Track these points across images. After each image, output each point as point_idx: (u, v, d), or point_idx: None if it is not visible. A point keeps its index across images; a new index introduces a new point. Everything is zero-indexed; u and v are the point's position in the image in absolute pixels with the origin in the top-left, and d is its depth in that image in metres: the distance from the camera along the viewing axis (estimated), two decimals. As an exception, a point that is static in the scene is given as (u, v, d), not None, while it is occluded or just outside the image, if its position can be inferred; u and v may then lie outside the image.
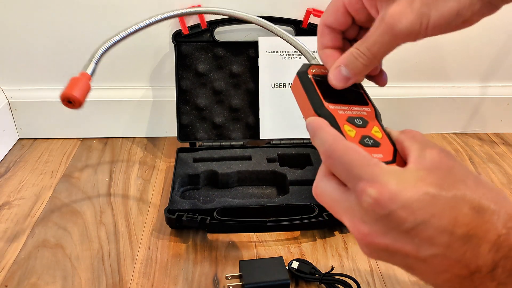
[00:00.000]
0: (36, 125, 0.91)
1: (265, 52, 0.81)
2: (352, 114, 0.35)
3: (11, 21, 0.82)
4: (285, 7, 0.82)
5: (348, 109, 0.35)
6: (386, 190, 0.27)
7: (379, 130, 0.35)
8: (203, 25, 0.80)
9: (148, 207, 0.73)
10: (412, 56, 0.89)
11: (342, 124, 0.34)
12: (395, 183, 0.27)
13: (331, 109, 0.35)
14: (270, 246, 0.66)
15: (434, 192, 0.27)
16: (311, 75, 0.37)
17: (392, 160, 0.32)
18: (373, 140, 0.33)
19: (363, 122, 0.35)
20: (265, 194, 0.75)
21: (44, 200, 0.75)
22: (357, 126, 0.34)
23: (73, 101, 0.46)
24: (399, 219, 0.27)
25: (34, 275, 0.60)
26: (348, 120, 0.34)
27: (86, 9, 0.81)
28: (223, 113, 0.84)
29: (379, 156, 0.32)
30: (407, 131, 0.33)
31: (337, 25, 0.37)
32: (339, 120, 0.34)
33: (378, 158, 0.32)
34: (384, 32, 0.32)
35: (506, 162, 0.87)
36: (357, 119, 0.35)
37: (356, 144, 0.32)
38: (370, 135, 0.34)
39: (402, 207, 0.27)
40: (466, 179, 0.29)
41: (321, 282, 0.58)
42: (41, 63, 0.86)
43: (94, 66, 0.50)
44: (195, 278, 0.60)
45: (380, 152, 0.32)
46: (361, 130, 0.34)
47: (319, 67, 0.38)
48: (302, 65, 0.38)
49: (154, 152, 0.89)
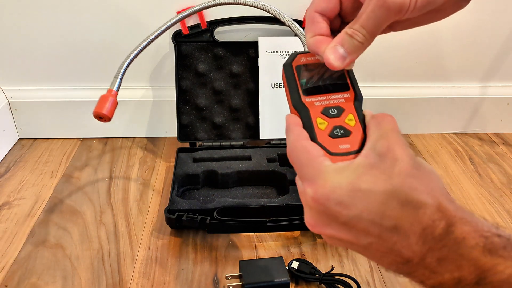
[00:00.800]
0: (36, 125, 0.91)
1: (265, 52, 0.81)
2: (328, 104, 0.37)
3: (11, 21, 0.82)
4: (285, 7, 0.82)
5: (325, 99, 0.37)
6: (321, 189, 0.31)
7: (353, 117, 0.36)
8: (203, 25, 0.80)
9: (148, 207, 0.73)
10: (412, 56, 0.89)
11: (315, 117, 0.36)
12: (331, 183, 0.31)
13: (307, 102, 0.37)
14: (270, 246, 0.66)
15: (366, 189, 0.30)
16: (296, 65, 0.38)
17: (357, 150, 0.34)
18: (343, 130, 0.35)
19: (337, 112, 0.36)
20: (265, 194, 0.75)
21: (44, 200, 0.75)
22: (330, 117, 0.36)
23: (103, 117, 0.53)
24: (335, 213, 0.31)
25: (34, 275, 0.60)
26: (323, 111, 0.36)
27: (86, 9, 0.81)
28: (223, 113, 0.84)
29: (346, 146, 0.34)
30: (377, 116, 0.35)
31: (328, 11, 0.38)
32: (313, 113, 0.36)
33: (345, 149, 0.34)
34: (376, 7, 0.33)
35: (506, 162, 0.87)
36: (332, 109, 0.36)
37: (325, 136, 0.35)
38: (342, 125, 0.36)
39: (336, 204, 0.30)
40: (404, 171, 0.30)
41: (321, 282, 0.58)
42: (41, 63, 0.86)
43: (119, 82, 0.55)
44: (195, 278, 0.60)
45: (348, 142, 0.35)
46: (334, 121, 0.36)
47: (306, 55, 0.39)
48: (290, 55, 0.40)
49: (154, 152, 0.89)
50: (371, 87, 0.92)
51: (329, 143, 0.35)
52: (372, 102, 0.91)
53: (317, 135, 0.35)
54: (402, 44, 0.88)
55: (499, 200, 0.76)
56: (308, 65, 0.38)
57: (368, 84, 0.91)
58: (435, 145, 0.92)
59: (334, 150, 0.34)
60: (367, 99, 0.95)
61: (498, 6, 0.84)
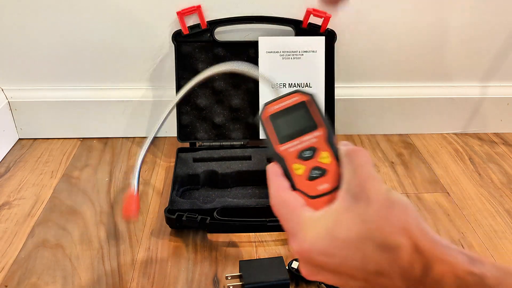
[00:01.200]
0: (36, 125, 0.91)
1: (265, 52, 0.81)
2: (302, 147, 0.38)
3: (11, 21, 0.82)
4: (285, 7, 0.82)
5: (298, 142, 0.38)
6: (303, 244, 0.32)
7: (328, 154, 0.37)
8: (203, 25, 0.80)
9: (148, 207, 0.73)
10: (412, 56, 0.89)
11: (291, 164, 0.37)
12: (310, 235, 0.32)
13: (281, 151, 0.38)
14: (270, 246, 0.66)
15: (343, 236, 0.31)
16: (265, 117, 0.40)
17: (336, 187, 0.35)
18: (319, 170, 0.37)
19: (311, 153, 0.37)
20: (265, 194, 0.75)
21: (44, 200, 0.75)
22: (305, 160, 0.37)
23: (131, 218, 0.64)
24: (321, 263, 0.32)
25: (34, 275, 0.60)
26: (298, 156, 0.37)
27: (86, 9, 0.81)
28: (223, 113, 0.84)
29: (325, 186, 0.36)
30: (349, 152, 0.35)
31: None
32: (288, 161, 0.37)
33: (324, 189, 0.36)
34: None
35: (506, 162, 0.87)
36: (306, 152, 0.38)
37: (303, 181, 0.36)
38: (317, 165, 0.37)
39: (319, 254, 0.31)
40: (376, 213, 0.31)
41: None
42: (41, 63, 0.86)
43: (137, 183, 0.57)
44: (195, 278, 0.60)
45: (326, 182, 0.36)
46: (310, 163, 0.37)
47: (274, 104, 0.41)
48: (262, 106, 0.42)
49: (154, 152, 0.89)
50: (371, 87, 0.92)
51: (308, 187, 0.36)
52: (372, 102, 0.92)
53: (296, 181, 0.37)
54: (402, 44, 0.88)
55: (499, 200, 0.76)
56: (277, 113, 0.40)
57: (368, 84, 0.91)
58: (435, 145, 0.92)
59: (314, 193, 0.36)
60: (368, 99, 0.96)
61: (498, 6, 0.84)
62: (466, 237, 0.67)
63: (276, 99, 0.41)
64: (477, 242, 0.66)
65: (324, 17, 0.80)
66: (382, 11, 0.84)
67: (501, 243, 0.67)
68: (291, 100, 0.41)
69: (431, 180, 0.81)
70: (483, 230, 0.69)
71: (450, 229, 0.69)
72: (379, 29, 0.86)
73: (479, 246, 0.65)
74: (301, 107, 0.40)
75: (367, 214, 0.31)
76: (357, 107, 0.92)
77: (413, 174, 0.82)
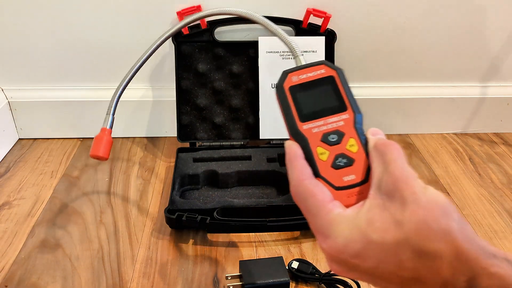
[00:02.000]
0: (36, 125, 0.91)
1: (265, 52, 0.81)
2: (327, 129, 0.34)
3: (11, 21, 0.82)
4: (285, 7, 0.82)
5: (323, 123, 0.34)
6: (335, 245, 0.30)
7: (355, 142, 0.34)
8: (203, 25, 0.80)
9: (148, 207, 0.73)
10: (412, 56, 0.89)
11: (315, 147, 0.33)
12: (343, 237, 0.30)
13: (304, 130, 0.34)
14: (270, 246, 0.66)
15: (378, 240, 0.28)
16: (288, 87, 0.36)
17: (364, 180, 0.32)
18: (346, 159, 0.33)
19: (338, 138, 0.34)
20: (265, 194, 0.75)
21: (44, 200, 0.75)
22: (331, 145, 0.34)
23: (99, 158, 0.56)
24: (353, 265, 0.30)
25: (34, 275, 0.60)
26: (323, 139, 0.34)
27: (86, 9, 0.81)
28: (223, 113, 0.84)
29: (351, 178, 0.32)
30: (379, 146, 0.32)
31: None
32: (312, 143, 0.34)
33: (350, 180, 0.32)
34: None
35: (506, 162, 0.87)
36: (332, 135, 0.34)
37: (327, 168, 0.33)
38: (344, 152, 0.33)
39: (352, 257, 0.29)
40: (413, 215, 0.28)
41: (321, 282, 0.58)
42: (41, 63, 0.86)
43: (111, 119, 0.56)
44: (195, 278, 0.60)
45: (352, 173, 0.33)
46: (335, 148, 0.33)
47: (298, 72, 0.36)
48: (281, 74, 0.36)
49: (154, 152, 0.89)
50: (371, 87, 0.92)
51: (333, 176, 0.33)
52: (372, 102, 0.91)
53: (319, 168, 0.33)
54: (402, 44, 0.87)
55: (499, 200, 0.76)
56: (301, 85, 0.36)
57: (368, 84, 0.91)
58: (435, 145, 0.92)
59: (339, 184, 0.32)
60: (368, 99, 0.96)
61: (498, 6, 0.84)
62: (466, 237, 0.67)
63: (300, 67, 0.36)
64: (477, 242, 0.66)
65: (324, 17, 0.80)
66: (382, 11, 0.84)
67: (501, 243, 0.67)
68: (317, 72, 0.36)
69: (431, 180, 0.81)
70: (483, 230, 0.69)
71: (450, 229, 0.69)
72: (379, 29, 0.86)
73: (479, 246, 0.65)
74: (328, 83, 0.35)
75: (403, 216, 0.28)
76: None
77: (413, 174, 0.82)
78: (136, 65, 0.58)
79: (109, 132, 0.56)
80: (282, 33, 0.44)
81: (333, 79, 0.35)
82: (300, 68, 0.36)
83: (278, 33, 0.44)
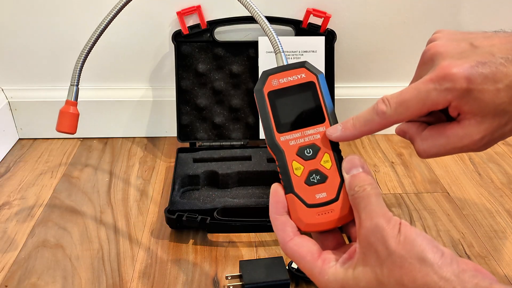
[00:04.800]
0: (36, 125, 0.91)
1: (265, 52, 0.81)
2: (304, 142, 0.34)
3: (11, 21, 0.82)
4: (285, 7, 0.82)
5: (300, 135, 0.34)
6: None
7: (329, 157, 0.33)
8: (203, 25, 0.80)
9: (148, 207, 0.73)
10: (412, 56, 0.89)
11: (291, 161, 0.34)
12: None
13: (281, 141, 0.34)
14: (270, 246, 0.66)
15: None
16: (268, 91, 0.35)
17: (335, 198, 0.32)
18: (319, 176, 0.33)
19: (313, 152, 0.34)
20: (265, 194, 0.75)
21: (44, 200, 0.75)
22: (306, 159, 0.33)
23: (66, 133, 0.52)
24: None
25: (34, 275, 0.60)
26: (298, 153, 0.34)
27: (86, 9, 0.81)
28: (223, 113, 0.84)
29: (322, 195, 0.33)
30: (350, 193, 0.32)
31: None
32: (289, 156, 0.34)
33: (321, 198, 0.33)
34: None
35: (506, 162, 0.87)
36: (308, 149, 0.34)
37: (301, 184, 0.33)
38: (318, 168, 0.33)
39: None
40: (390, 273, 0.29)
41: None
42: (41, 63, 0.86)
43: (75, 90, 0.50)
44: (195, 278, 0.60)
45: (324, 190, 0.33)
46: (310, 164, 0.33)
47: (278, 75, 0.35)
48: (261, 75, 0.36)
49: (154, 152, 0.89)
50: (371, 87, 0.92)
51: (306, 193, 0.33)
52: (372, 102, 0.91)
53: (294, 184, 0.33)
54: (402, 44, 0.87)
55: (499, 200, 0.76)
56: (280, 91, 0.35)
57: (368, 84, 0.91)
58: (435, 145, 0.92)
59: (311, 201, 0.33)
60: (368, 99, 0.96)
61: (498, 6, 0.84)
62: (466, 237, 0.67)
63: (280, 69, 0.35)
64: (477, 242, 0.66)
65: (324, 17, 0.80)
66: (382, 10, 0.84)
67: (501, 243, 0.67)
68: (298, 76, 0.35)
69: (431, 180, 0.81)
70: (483, 230, 0.69)
71: (450, 229, 0.69)
72: (379, 29, 0.86)
73: (479, 246, 0.65)
74: (308, 89, 0.34)
75: (382, 276, 0.29)
76: (357, 107, 0.92)
77: (413, 174, 0.82)
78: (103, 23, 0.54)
79: (75, 104, 0.51)
80: (269, 27, 0.42)
81: (313, 85, 0.35)
82: (280, 70, 0.35)
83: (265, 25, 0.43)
